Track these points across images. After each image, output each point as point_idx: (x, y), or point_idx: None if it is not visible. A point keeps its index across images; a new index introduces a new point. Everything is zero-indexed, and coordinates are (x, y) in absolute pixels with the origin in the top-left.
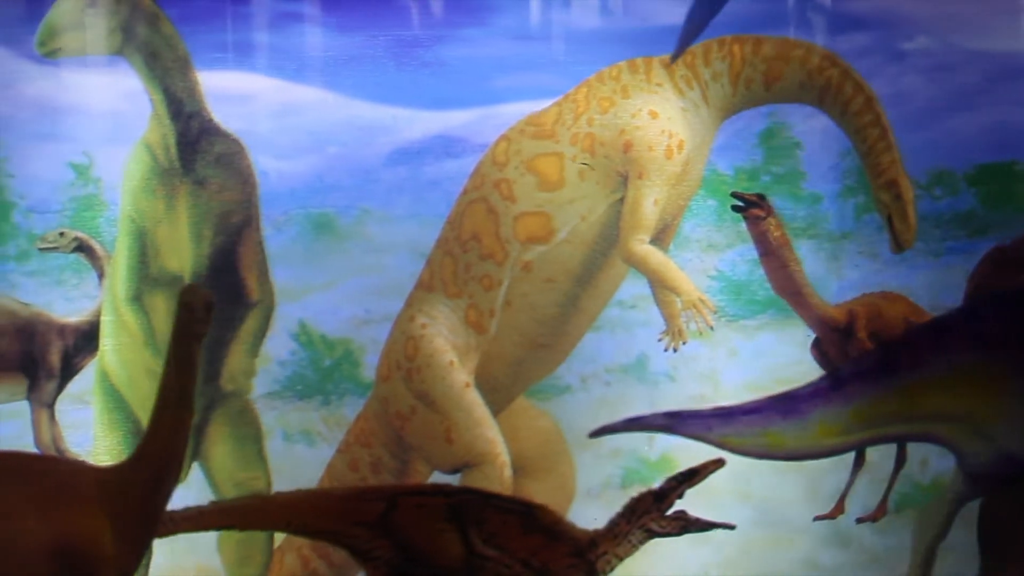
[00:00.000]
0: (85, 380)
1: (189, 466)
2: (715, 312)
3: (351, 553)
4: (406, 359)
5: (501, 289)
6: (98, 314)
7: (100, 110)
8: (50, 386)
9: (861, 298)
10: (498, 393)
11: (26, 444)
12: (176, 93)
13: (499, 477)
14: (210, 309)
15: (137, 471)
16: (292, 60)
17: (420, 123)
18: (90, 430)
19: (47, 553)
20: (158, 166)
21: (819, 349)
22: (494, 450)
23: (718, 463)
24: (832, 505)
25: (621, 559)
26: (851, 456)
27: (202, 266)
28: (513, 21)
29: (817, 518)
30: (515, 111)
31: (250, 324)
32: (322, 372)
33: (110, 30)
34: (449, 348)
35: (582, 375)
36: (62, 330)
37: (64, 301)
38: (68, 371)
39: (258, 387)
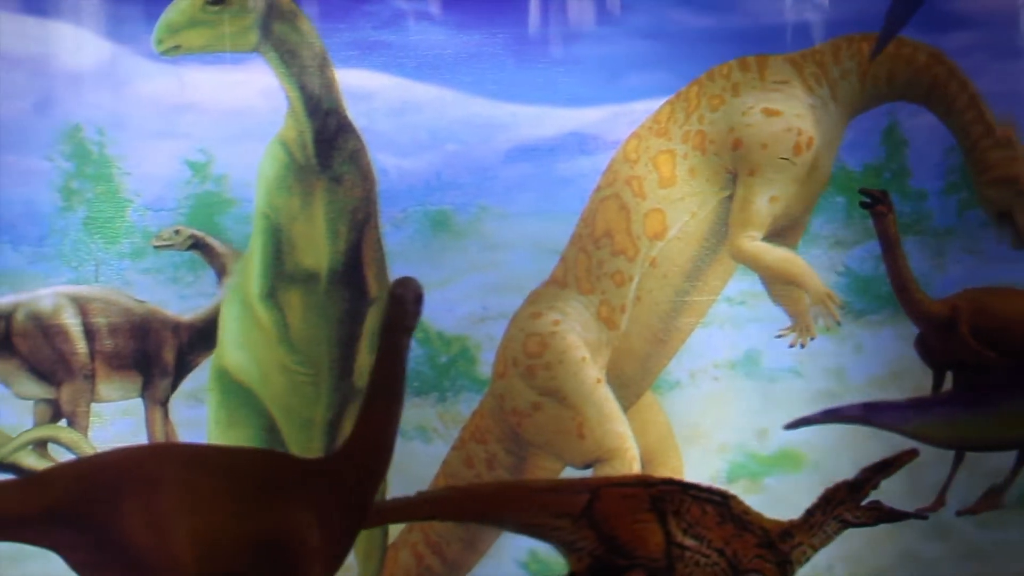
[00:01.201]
0: (199, 378)
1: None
2: (842, 307)
3: (555, 545)
4: (527, 356)
5: (632, 285)
6: (215, 312)
7: (222, 107)
8: (164, 384)
9: (964, 293)
10: (628, 388)
11: (139, 442)
12: (313, 90)
13: (628, 470)
14: (420, 301)
15: (345, 463)
16: (412, 58)
17: (550, 120)
18: (203, 428)
19: (252, 546)
20: (294, 163)
21: (922, 344)
22: (624, 445)
23: (912, 454)
24: (933, 498)
25: (816, 549)
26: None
27: (338, 263)
28: (641, 19)
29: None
30: (646, 108)
31: (370, 321)
32: (438, 369)
33: (245, 28)
34: (582, 344)
35: (691, 370)
36: (176, 328)
37: (179, 299)
38: (182, 369)
39: None
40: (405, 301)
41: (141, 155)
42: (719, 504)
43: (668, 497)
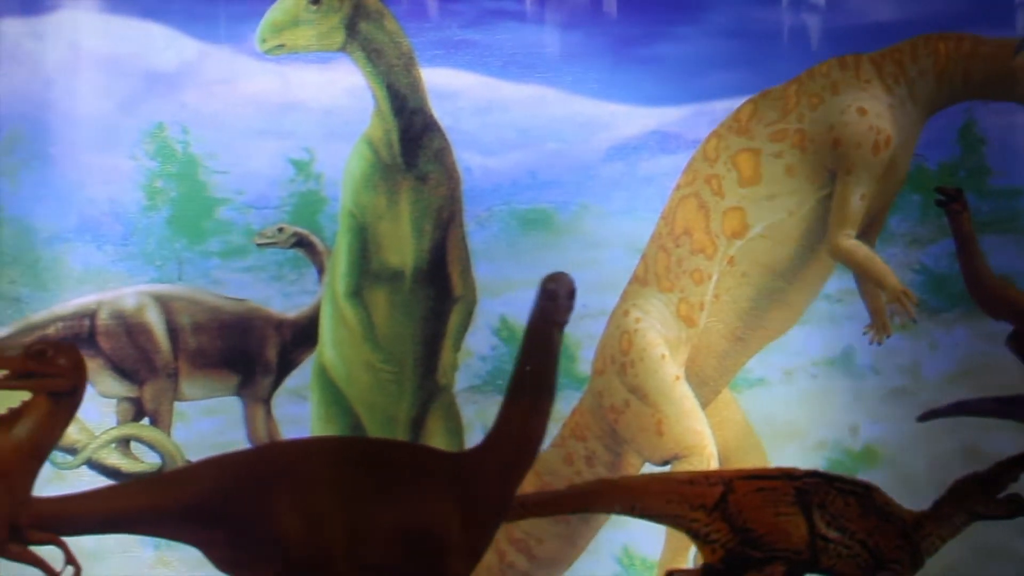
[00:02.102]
0: (303, 375)
1: None
2: (917, 305)
3: (690, 536)
4: (620, 353)
5: (711, 283)
6: (317, 309)
7: (320, 106)
8: (266, 381)
9: None
10: (706, 386)
11: (228, 440)
12: (399, 89)
13: (706, 468)
14: (572, 296)
15: (489, 456)
16: (498, 56)
17: (636, 119)
18: (307, 425)
19: (398, 538)
20: (380, 162)
21: (1018, 341)
22: (702, 442)
23: None
24: None
25: (944, 540)
26: None
27: (423, 261)
28: (725, 18)
29: None
30: (726, 107)
31: (454, 319)
32: None
33: (333, 27)
34: (661, 342)
35: (789, 368)
36: (279, 325)
37: (283, 296)
38: (285, 366)
39: (460, 381)
40: (558, 296)
41: (243, 154)
42: (862, 495)
43: (813, 490)
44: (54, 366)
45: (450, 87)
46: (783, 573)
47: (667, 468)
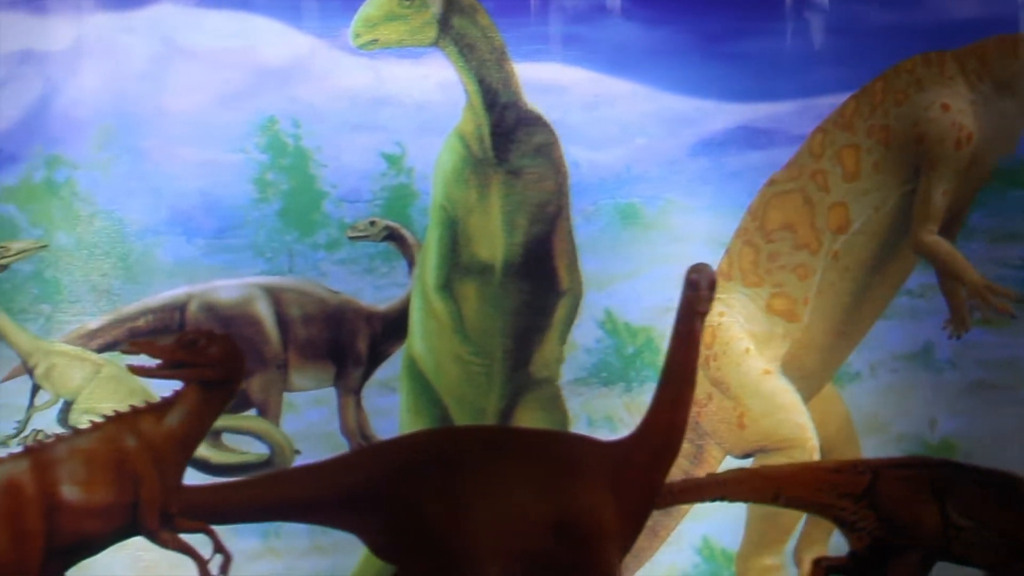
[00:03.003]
0: (392, 367)
1: None
2: (1017, 300)
3: (837, 524)
4: (704, 347)
5: (815, 278)
6: (407, 302)
7: (413, 101)
8: (357, 373)
9: None
10: (809, 380)
11: (332, 431)
12: (491, 84)
13: (808, 460)
14: (713, 287)
15: (639, 445)
16: (604, 52)
17: (722, 115)
18: (396, 416)
19: (548, 527)
20: (471, 156)
21: None
22: (803, 435)
23: None
24: None
25: None
26: None
27: (514, 255)
28: (812, 14)
29: None
30: (812, 104)
31: (560, 312)
32: (625, 359)
33: (426, 22)
34: (745, 336)
35: (871, 362)
36: (370, 318)
37: (373, 289)
38: (375, 358)
39: (565, 374)
40: (700, 287)
41: (338, 148)
42: (1003, 486)
43: (948, 479)
44: (205, 356)
45: (558, 82)
46: (919, 560)
47: (749, 461)
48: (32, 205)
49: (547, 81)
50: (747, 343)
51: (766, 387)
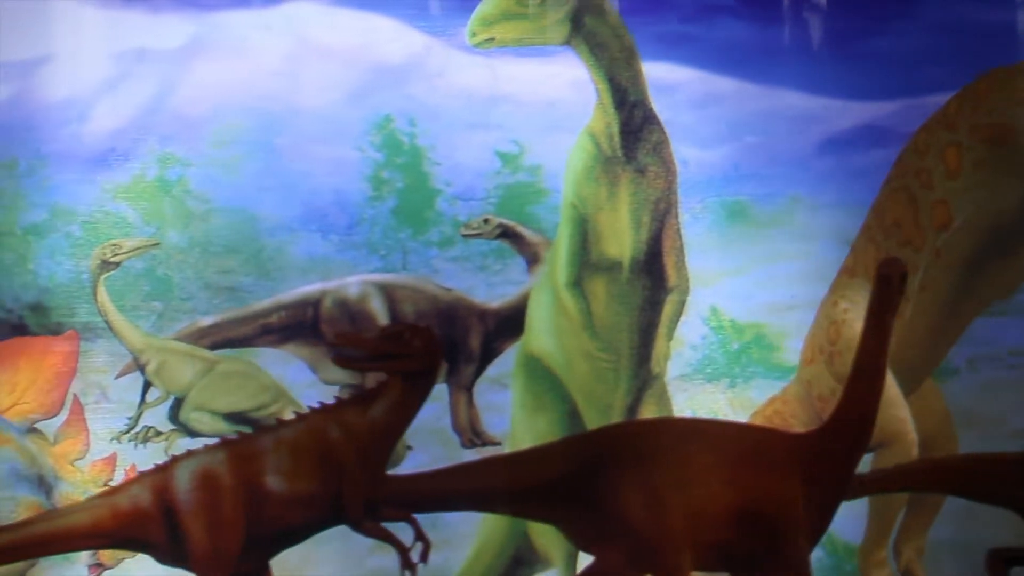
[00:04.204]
0: (505, 364)
1: None
2: None
3: (1021, 516)
4: (829, 343)
5: (918, 275)
6: (522, 299)
7: (533, 99)
8: (469, 370)
9: None
10: (909, 375)
11: (444, 427)
12: (621, 83)
13: (907, 455)
14: (904, 280)
15: (832, 437)
16: (714, 51)
17: (848, 113)
18: (507, 412)
19: (740, 517)
20: (601, 154)
21: None
22: (904, 429)
23: None
24: None
25: None
26: None
27: (640, 252)
28: (938, 13)
29: None
30: (937, 102)
31: (667, 309)
32: (730, 355)
33: (558, 21)
34: None
35: (970, 358)
36: (483, 315)
37: (486, 286)
38: (487, 355)
39: (671, 370)
40: (891, 280)
41: (452, 146)
42: None
43: None
44: (410, 348)
45: (668, 81)
46: None
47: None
48: (145, 203)
49: (659, 80)
50: None
51: None
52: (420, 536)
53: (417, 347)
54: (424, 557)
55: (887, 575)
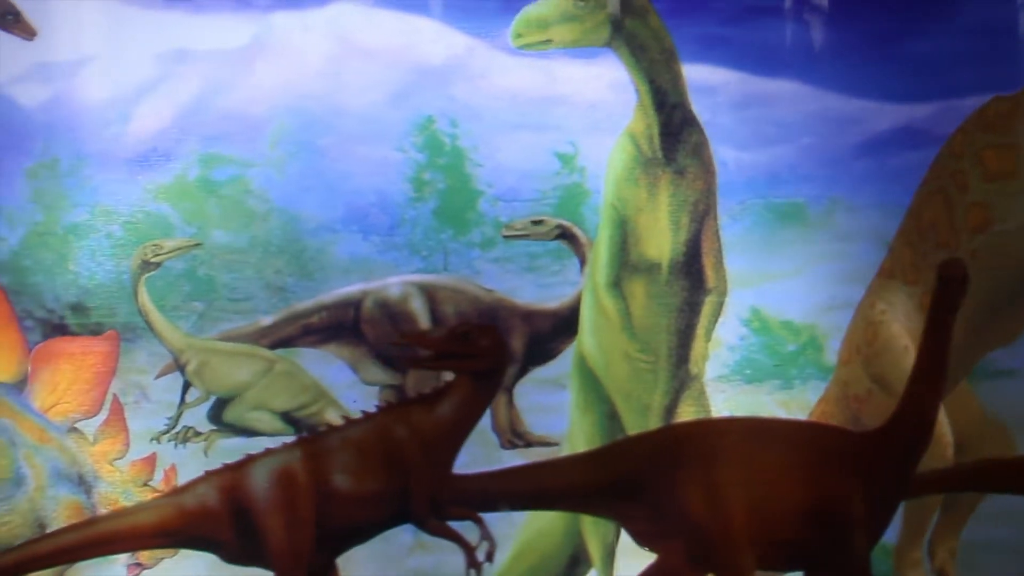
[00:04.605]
0: (562, 364)
1: None
2: None
3: None
4: (865, 344)
5: None
6: (578, 300)
7: (584, 100)
8: (510, 371)
9: None
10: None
11: (483, 427)
12: (661, 84)
13: (942, 456)
14: (965, 282)
15: (891, 436)
16: (754, 52)
17: (886, 115)
18: (566, 413)
19: (802, 515)
20: (641, 156)
21: None
22: (940, 431)
23: None
24: None
25: None
26: None
27: (679, 253)
28: (975, 15)
29: None
30: (975, 104)
31: (705, 310)
32: (783, 357)
33: (599, 23)
34: (904, 333)
35: None
36: (527, 316)
37: (536, 287)
38: (539, 356)
39: (709, 371)
40: (951, 282)
41: (495, 147)
42: None
43: None
44: (476, 347)
45: (708, 82)
46: None
47: None
48: (186, 203)
49: (699, 82)
50: (906, 341)
51: None
52: (486, 535)
53: (484, 346)
54: (490, 556)
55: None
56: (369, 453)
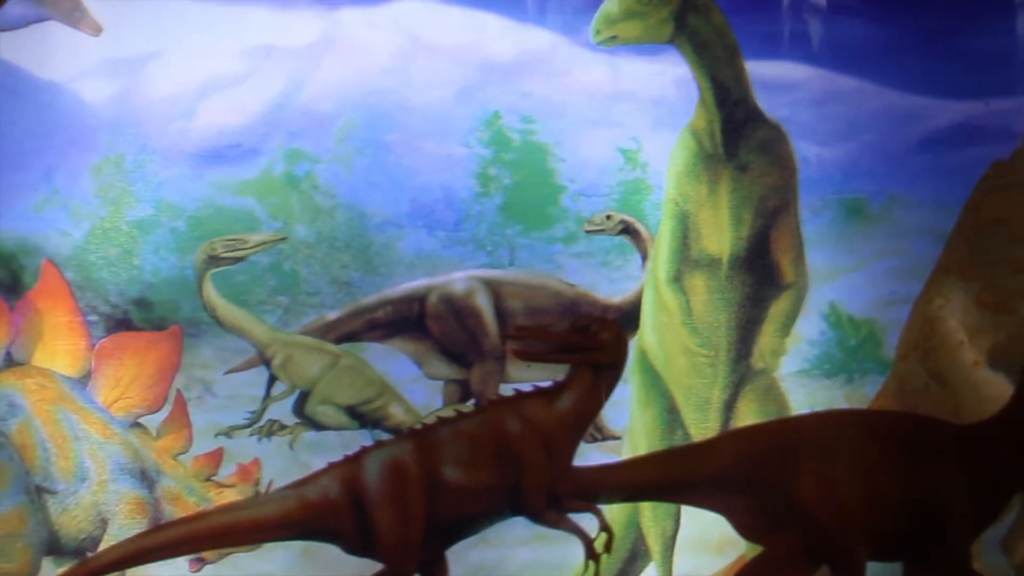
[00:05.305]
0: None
1: None
2: None
3: None
4: (923, 339)
5: None
6: (639, 295)
7: (648, 97)
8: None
9: None
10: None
11: None
12: (724, 81)
13: None
14: None
15: (999, 430)
16: (832, 49)
17: (944, 112)
18: (627, 408)
19: (909, 507)
20: (702, 152)
21: None
22: None
23: None
24: None
25: None
26: None
27: (740, 249)
28: None
29: None
30: None
31: (782, 305)
32: (847, 351)
33: (662, 20)
34: (961, 328)
35: None
36: (605, 310)
37: (608, 282)
38: None
39: (788, 365)
40: None
41: (576, 143)
42: None
43: None
44: (598, 340)
45: (788, 79)
46: None
47: None
48: (271, 198)
49: (777, 78)
50: (962, 335)
51: (976, 378)
52: (604, 527)
53: (605, 340)
54: (608, 547)
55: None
56: (481, 446)
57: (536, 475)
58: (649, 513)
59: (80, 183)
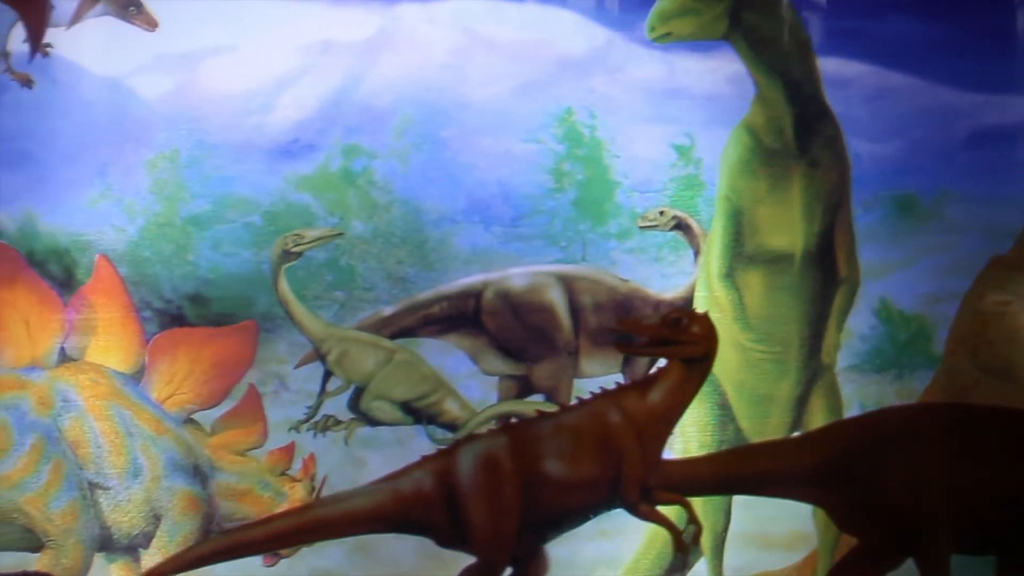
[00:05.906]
0: None
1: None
2: None
3: None
4: (973, 334)
5: None
6: (692, 290)
7: (702, 93)
8: (643, 361)
9: None
10: None
11: None
12: (795, 76)
13: None
14: None
15: None
16: (886, 45)
17: (995, 108)
18: None
19: (996, 501)
20: (760, 147)
21: None
22: None
23: None
24: None
25: None
26: None
27: (812, 244)
28: None
29: None
30: None
31: (838, 300)
32: (898, 346)
33: (716, 16)
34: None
35: None
36: (658, 305)
37: (660, 277)
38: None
39: (840, 361)
40: None
41: (630, 139)
42: None
43: None
44: (688, 333)
45: (842, 75)
46: None
47: None
48: (328, 194)
49: (830, 74)
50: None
51: None
52: (693, 519)
53: (696, 333)
54: (696, 539)
55: None
56: (583, 439)
57: (633, 467)
58: (700, 509)
59: (134, 179)
